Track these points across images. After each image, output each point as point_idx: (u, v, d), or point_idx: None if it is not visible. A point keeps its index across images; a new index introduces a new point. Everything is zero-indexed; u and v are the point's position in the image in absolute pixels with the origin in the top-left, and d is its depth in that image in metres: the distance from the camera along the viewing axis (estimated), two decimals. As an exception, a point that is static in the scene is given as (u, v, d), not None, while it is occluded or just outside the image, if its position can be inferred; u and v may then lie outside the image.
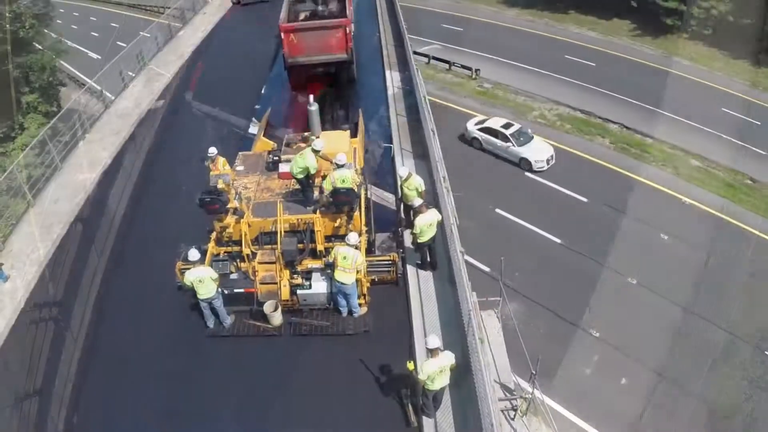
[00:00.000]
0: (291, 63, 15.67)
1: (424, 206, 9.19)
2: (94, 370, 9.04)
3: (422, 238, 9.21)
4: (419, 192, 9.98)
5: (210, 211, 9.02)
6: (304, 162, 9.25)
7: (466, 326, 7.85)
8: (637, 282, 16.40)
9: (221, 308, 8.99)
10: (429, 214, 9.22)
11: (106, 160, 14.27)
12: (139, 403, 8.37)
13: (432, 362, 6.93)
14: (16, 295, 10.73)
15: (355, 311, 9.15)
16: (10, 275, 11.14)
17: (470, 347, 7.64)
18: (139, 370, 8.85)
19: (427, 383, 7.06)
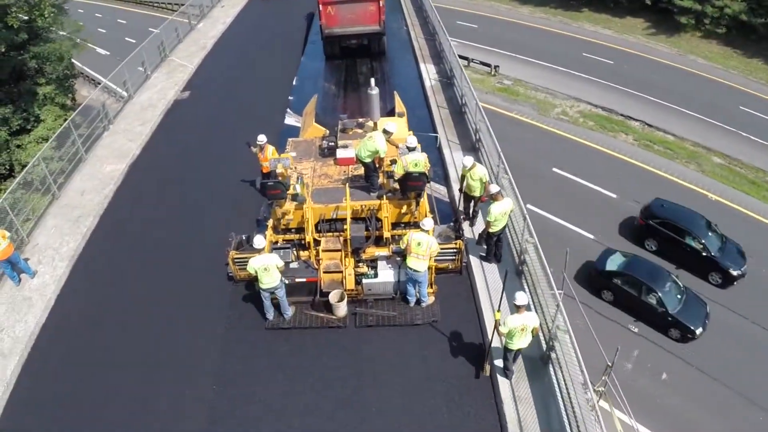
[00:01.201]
0: (327, 33, 16.30)
1: (500, 194, 8.66)
2: (137, 370, 8.19)
3: (495, 227, 8.71)
4: (483, 182, 9.39)
5: (271, 196, 8.39)
6: (374, 144, 8.62)
7: (552, 318, 7.36)
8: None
9: (284, 298, 8.29)
10: (505, 202, 8.75)
11: (134, 151, 13.44)
12: (193, 405, 7.58)
13: (516, 317, 6.96)
14: (45, 291, 9.90)
15: (424, 300, 8.58)
16: (37, 271, 10.33)
17: (557, 339, 7.21)
18: (192, 370, 8.06)
19: (507, 340, 7.06)
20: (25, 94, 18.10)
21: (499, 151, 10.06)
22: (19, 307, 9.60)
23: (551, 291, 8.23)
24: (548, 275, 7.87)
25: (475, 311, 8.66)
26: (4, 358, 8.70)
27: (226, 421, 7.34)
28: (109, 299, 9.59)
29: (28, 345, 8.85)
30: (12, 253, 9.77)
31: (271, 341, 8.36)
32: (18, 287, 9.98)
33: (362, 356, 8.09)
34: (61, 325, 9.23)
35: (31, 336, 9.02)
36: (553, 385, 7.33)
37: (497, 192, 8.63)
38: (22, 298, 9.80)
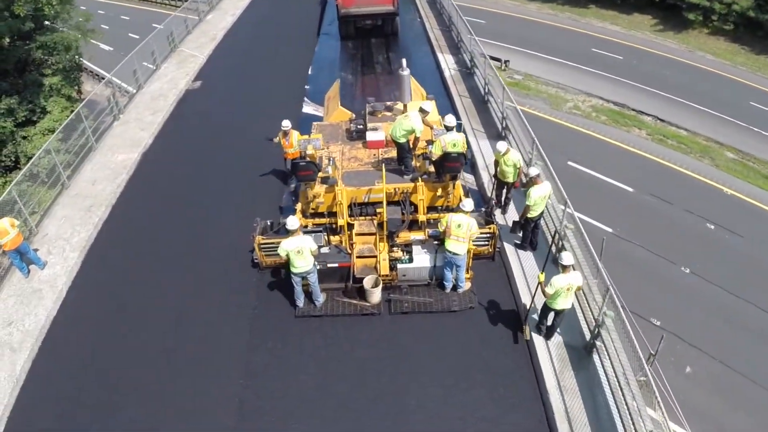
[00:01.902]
0: (344, 13, 16.68)
1: (539, 177, 8.20)
2: (157, 366, 7.62)
3: (534, 212, 8.29)
4: (516, 168, 8.93)
5: (301, 177, 7.93)
6: (410, 123, 8.16)
7: (600, 306, 6.96)
8: (690, 271, 15.90)
9: (316, 284, 7.79)
10: (544, 185, 8.29)
11: (147, 141, 12.86)
12: (220, 402, 7.01)
13: (562, 278, 6.85)
14: (56, 282, 9.31)
15: (461, 286, 8.17)
16: (47, 261, 9.74)
17: (604, 327, 6.87)
18: (217, 364, 7.49)
19: (550, 301, 6.95)
20: (31, 84, 17.48)
21: (533, 137, 9.57)
22: (29, 299, 9.00)
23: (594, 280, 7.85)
24: (596, 261, 7.40)
25: (512, 298, 8.26)
26: (13, 353, 8.11)
27: (256, 418, 6.79)
28: (124, 290, 9.01)
29: (39, 339, 8.28)
30: (21, 242, 9.16)
31: (301, 331, 7.83)
32: (27, 279, 9.38)
33: (399, 346, 7.58)
34: (74, 318, 8.64)
35: (41, 330, 8.44)
36: (599, 374, 6.98)
37: (537, 175, 8.19)
38: (31, 290, 9.21)
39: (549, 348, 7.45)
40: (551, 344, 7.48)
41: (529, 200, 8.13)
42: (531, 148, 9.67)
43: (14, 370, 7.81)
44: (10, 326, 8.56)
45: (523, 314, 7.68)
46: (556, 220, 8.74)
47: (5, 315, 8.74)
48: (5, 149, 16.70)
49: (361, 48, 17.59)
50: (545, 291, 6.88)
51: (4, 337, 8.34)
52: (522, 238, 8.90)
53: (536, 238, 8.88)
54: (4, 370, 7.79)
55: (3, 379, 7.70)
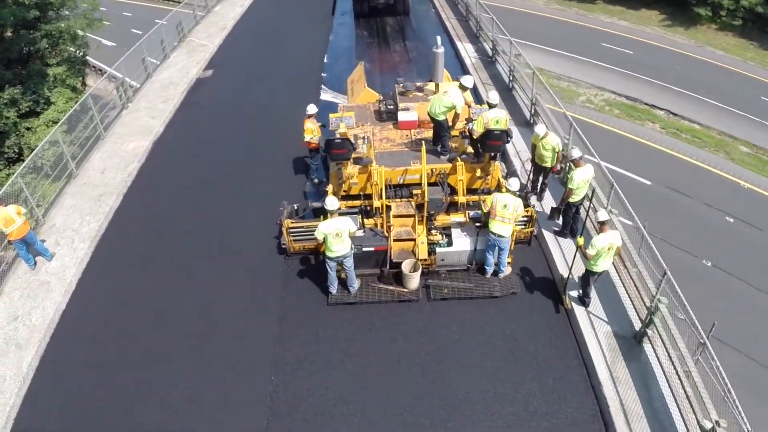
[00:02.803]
0: None
1: (581, 159, 7.72)
2: (177, 362, 6.96)
3: (576, 196, 7.82)
4: (555, 152, 8.40)
5: (335, 156, 7.38)
6: (450, 99, 7.64)
7: (654, 293, 6.50)
8: (712, 264, 15.52)
9: (351, 269, 7.27)
10: (587, 168, 7.81)
11: (158, 129, 12.16)
12: (249, 400, 6.37)
13: (603, 237, 6.66)
14: (65, 275, 8.61)
15: (502, 271, 7.72)
16: (55, 253, 9.04)
17: (658, 314, 6.44)
18: (245, 359, 6.84)
19: (591, 264, 6.75)
20: (35, 75, 16.71)
21: (572, 122, 8.99)
22: (36, 292, 8.31)
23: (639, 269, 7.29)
24: (651, 247, 6.82)
25: (552, 282, 7.84)
26: (20, 349, 7.42)
27: (288, 418, 6.15)
28: (139, 283, 8.34)
29: (47, 335, 7.61)
30: (28, 232, 8.47)
31: (335, 321, 7.23)
32: (34, 271, 8.69)
33: (441, 336, 7.03)
34: (84, 312, 7.97)
35: (50, 324, 7.76)
36: (651, 363, 6.62)
37: (579, 157, 7.69)
38: (38, 282, 8.51)
39: (598, 337, 6.98)
40: (600, 333, 7.00)
41: (571, 183, 7.64)
42: (568, 132, 9.07)
43: (21, 369, 7.13)
44: (15, 321, 7.86)
45: (561, 285, 7.46)
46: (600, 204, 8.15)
47: (11, 309, 8.05)
48: (8, 141, 15.95)
49: (377, 36, 17.03)
50: (586, 253, 6.64)
51: (9, 333, 7.65)
52: (562, 225, 8.37)
53: (576, 225, 8.31)
54: (10, 369, 7.11)
55: (9, 378, 7.01)
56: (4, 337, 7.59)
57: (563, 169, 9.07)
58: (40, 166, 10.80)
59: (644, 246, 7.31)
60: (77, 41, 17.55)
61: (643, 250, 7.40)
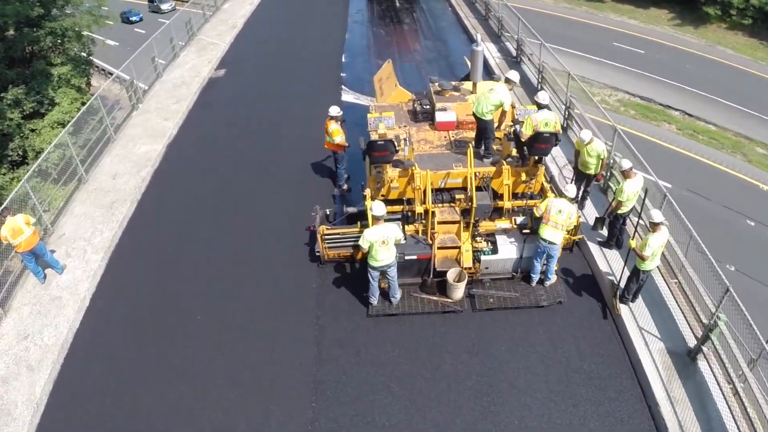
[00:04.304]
0: None
1: (631, 170, 7.25)
2: (203, 384, 6.33)
3: (625, 207, 7.38)
4: (600, 159, 7.90)
5: (377, 159, 6.87)
6: (497, 97, 7.10)
7: (715, 308, 6.14)
8: (735, 269, 14.99)
9: (395, 279, 6.80)
10: (638, 179, 7.33)
11: (171, 131, 11.49)
12: (287, 428, 5.78)
13: (658, 236, 6.42)
14: (78, 289, 7.95)
15: (549, 279, 7.41)
16: (66, 265, 8.38)
17: (716, 330, 6.07)
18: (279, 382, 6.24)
19: (643, 263, 6.52)
20: (39, 74, 15.98)
21: (616, 127, 8.48)
22: (47, 308, 7.65)
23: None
24: (709, 259, 6.42)
25: (598, 291, 7.43)
26: (31, 372, 6.77)
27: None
28: (158, 297, 7.70)
29: (61, 355, 6.96)
30: (37, 243, 7.81)
31: (377, 339, 6.69)
32: (44, 285, 8.04)
33: (490, 356, 6.55)
34: (100, 330, 7.33)
35: (63, 344, 7.11)
36: (707, 382, 6.30)
37: (629, 168, 7.23)
38: (49, 297, 7.86)
39: (651, 354, 6.59)
40: (653, 350, 6.62)
41: (621, 195, 7.20)
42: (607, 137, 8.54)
43: (33, 393, 6.47)
44: (26, 340, 7.20)
45: (611, 291, 7.13)
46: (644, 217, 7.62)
47: (20, 327, 7.39)
48: (12, 143, 15.22)
49: (393, 34, 16.42)
50: (643, 254, 6.40)
51: (20, 354, 6.98)
52: (608, 236, 7.88)
53: (623, 236, 7.84)
54: (21, 393, 6.46)
55: (21, 403, 6.37)
56: (15, 358, 6.93)
57: (605, 177, 8.54)
58: (46, 169, 10.13)
59: (700, 259, 6.86)
60: (82, 39, 16.79)
61: (697, 262, 7.00)
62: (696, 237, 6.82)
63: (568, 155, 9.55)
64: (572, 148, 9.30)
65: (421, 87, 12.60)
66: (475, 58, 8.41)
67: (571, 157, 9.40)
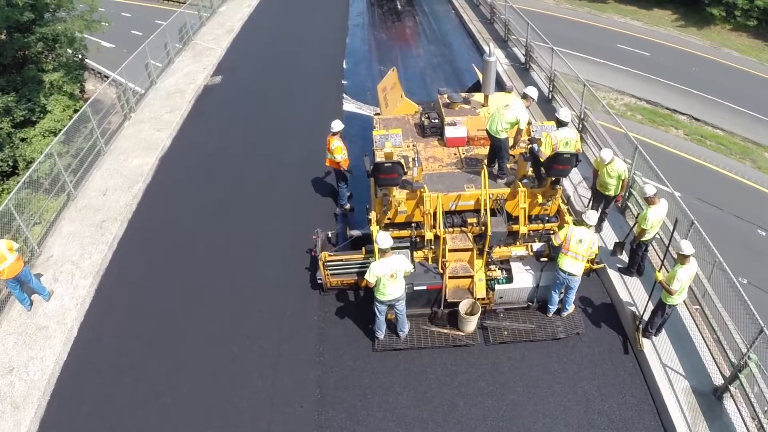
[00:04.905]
0: None
1: (656, 196, 6.81)
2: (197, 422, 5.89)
3: (649, 235, 6.95)
4: (621, 180, 7.43)
5: (384, 182, 6.36)
6: (513, 114, 6.58)
7: (747, 345, 5.72)
8: (748, 282, 14.39)
9: (403, 312, 6.36)
10: (662, 205, 6.91)
11: (164, 143, 10.95)
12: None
13: (687, 269, 6.01)
14: (65, 318, 7.45)
15: (568, 309, 7.01)
16: (53, 291, 7.88)
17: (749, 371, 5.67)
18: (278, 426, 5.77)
19: (670, 297, 6.13)
20: (30, 81, 15.39)
21: (637, 145, 8.03)
22: (33, 339, 7.16)
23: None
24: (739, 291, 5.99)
25: (617, 320, 7.01)
26: (16, 410, 6.29)
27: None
28: (148, 328, 7.20)
29: (47, 391, 6.50)
30: (22, 269, 7.30)
31: (384, 380, 6.21)
32: (30, 312, 7.54)
33: (506, 398, 6.11)
34: (88, 363, 6.84)
35: (50, 378, 6.64)
36: (734, 424, 5.94)
37: (654, 194, 6.79)
38: (35, 327, 7.36)
39: (675, 393, 6.15)
40: (677, 389, 6.19)
41: (645, 223, 6.76)
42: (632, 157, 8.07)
43: (18, 433, 6.03)
44: (11, 374, 6.72)
45: (633, 324, 6.73)
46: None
47: (4, 359, 6.90)
48: (2, 153, 14.66)
49: (396, 39, 15.88)
50: (671, 288, 6.00)
51: (4, 389, 6.51)
52: (629, 262, 7.42)
53: (644, 263, 7.40)
54: (5, 435, 6.01)
55: (3, 447, 5.92)
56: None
57: (624, 197, 8.07)
58: (37, 179, 9.58)
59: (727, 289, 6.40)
60: (74, 44, 16.18)
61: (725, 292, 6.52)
62: (726, 269, 6.35)
63: (584, 171, 9.06)
64: (588, 164, 8.84)
65: (426, 95, 12.14)
66: (487, 70, 7.82)
67: (586, 173, 8.93)
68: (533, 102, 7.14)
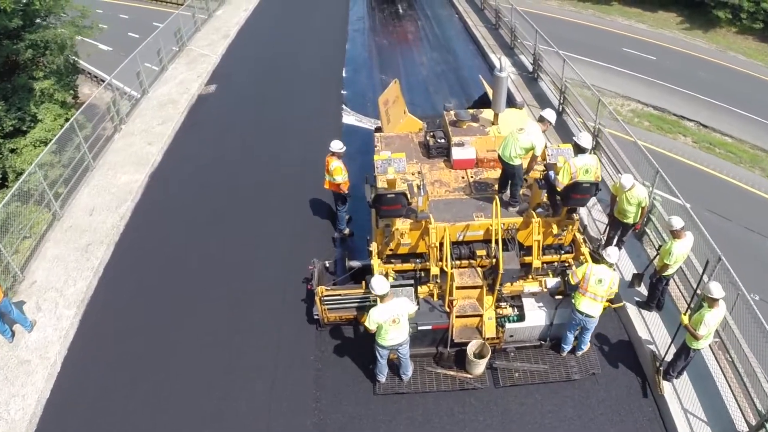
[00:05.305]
0: None
1: (682, 231, 6.30)
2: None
3: (671, 270, 6.48)
4: (641, 207, 6.92)
5: (385, 213, 5.89)
6: (528, 139, 6.08)
7: None
8: (759, 298, 13.94)
9: (407, 356, 5.90)
10: (688, 239, 6.39)
11: (155, 157, 10.45)
12: None
13: (716, 313, 5.60)
14: (48, 352, 6.98)
15: (583, 348, 6.56)
16: (36, 321, 7.41)
17: None
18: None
19: (695, 342, 5.70)
20: (20, 89, 14.87)
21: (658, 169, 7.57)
22: (15, 374, 6.71)
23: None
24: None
25: (634, 359, 6.57)
26: (-6, 456, 5.90)
27: None
28: (135, 364, 6.73)
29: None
30: (1, 300, 6.85)
31: (385, 428, 5.73)
32: (11, 344, 7.07)
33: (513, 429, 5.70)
34: (72, 403, 6.41)
35: (32, 418, 6.22)
36: None
37: (681, 228, 6.26)
38: (17, 361, 6.89)
39: None
40: None
41: (669, 258, 6.26)
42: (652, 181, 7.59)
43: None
44: (-10, 414, 6.29)
45: (653, 366, 6.29)
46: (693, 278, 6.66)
47: (-17, 397, 6.47)
48: (-9, 164, 14.21)
49: (398, 44, 15.32)
50: (697, 333, 5.55)
51: (-20, 432, 6.09)
52: (648, 297, 6.93)
53: (664, 297, 6.92)
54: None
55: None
56: (-25, 440, 6.02)
57: (643, 223, 7.57)
58: (28, 191, 9.07)
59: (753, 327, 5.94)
60: (66, 51, 15.64)
61: (750, 331, 6.07)
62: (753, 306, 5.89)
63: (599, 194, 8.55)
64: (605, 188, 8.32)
65: (430, 106, 11.61)
66: (498, 86, 7.18)
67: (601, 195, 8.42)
68: (550, 126, 6.62)
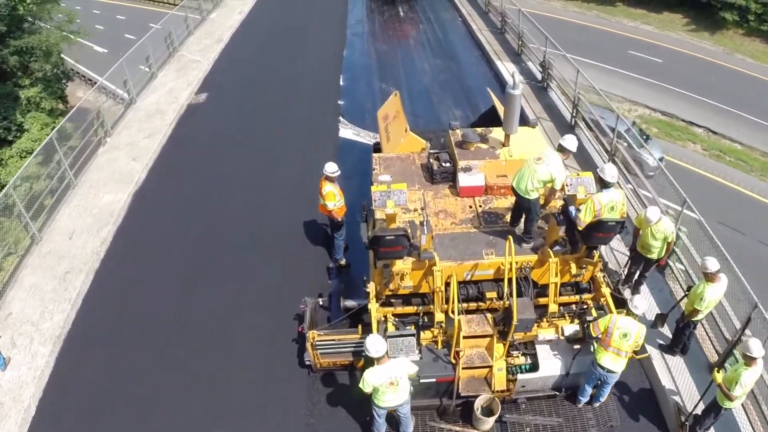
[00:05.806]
0: None
1: (717, 274, 5.64)
2: None
3: (701, 315, 5.89)
4: (667, 242, 6.27)
5: (384, 255, 5.26)
6: (547, 170, 5.42)
7: None
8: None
9: (407, 415, 5.29)
10: (722, 284, 5.76)
11: (140, 175, 9.79)
12: None
13: (753, 372, 5.07)
14: (22, 394, 6.39)
15: (601, 400, 5.99)
16: (10, 358, 6.79)
17: None
18: None
19: (728, 401, 5.18)
20: (5, 98, 14.23)
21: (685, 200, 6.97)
22: (-14, 419, 6.14)
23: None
24: None
25: (656, 408, 6.07)
26: None
27: None
28: (114, 407, 6.15)
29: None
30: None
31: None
32: (-19, 385, 6.51)
33: None
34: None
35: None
36: None
37: (716, 271, 5.60)
38: (-11, 404, 6.32)
39: None
40: None
41: (700, 304, 5.65)
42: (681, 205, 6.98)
43: None
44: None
45: (677, 420, 5.70)
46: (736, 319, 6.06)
47: (-49, 447, 5.88)
48: (-26, 176, 13.57)
49: (399, 48, 14.65)
50: (731, 394, 5.04)
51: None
52: (673, 341, 6.30)
53: (690, 341, 6.30)
54: None
55: None
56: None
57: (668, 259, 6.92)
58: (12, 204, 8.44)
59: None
60: (53, 57, 14.97)
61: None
62: None
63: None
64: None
65: (433, 118, 10.95)
66: (510, 104, 6.45)
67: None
68: (571, 155, 5.93)
